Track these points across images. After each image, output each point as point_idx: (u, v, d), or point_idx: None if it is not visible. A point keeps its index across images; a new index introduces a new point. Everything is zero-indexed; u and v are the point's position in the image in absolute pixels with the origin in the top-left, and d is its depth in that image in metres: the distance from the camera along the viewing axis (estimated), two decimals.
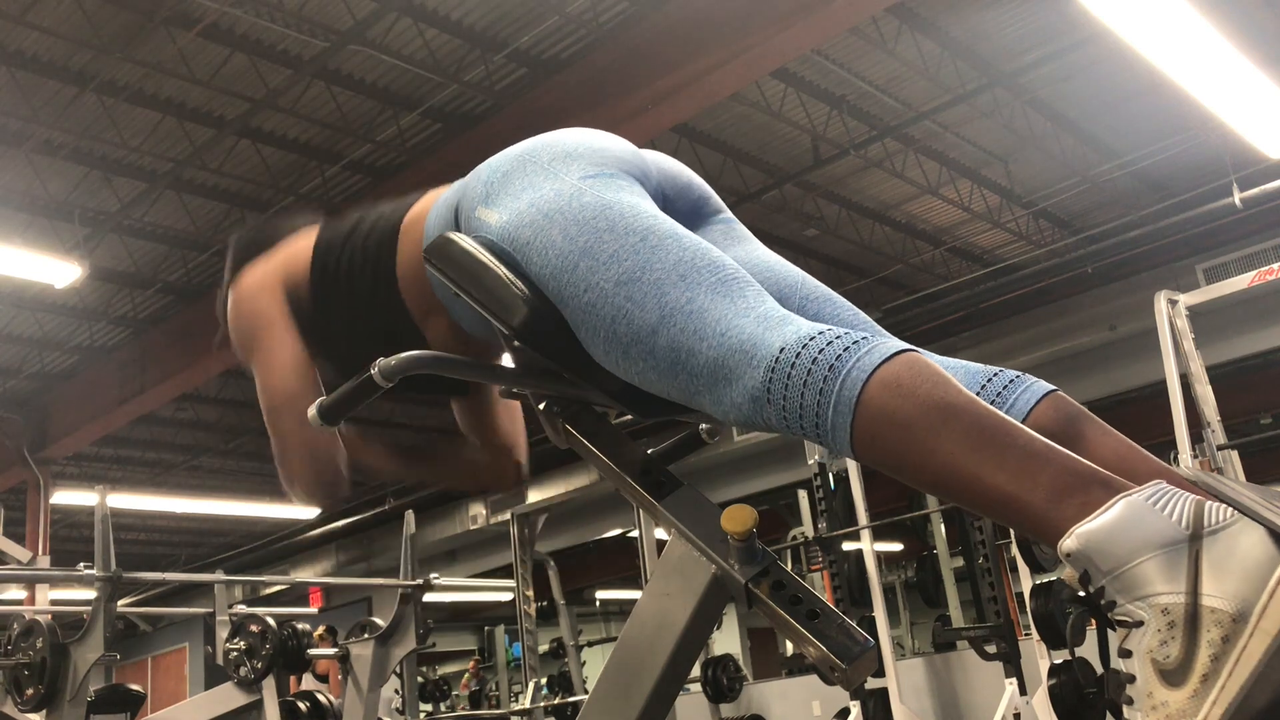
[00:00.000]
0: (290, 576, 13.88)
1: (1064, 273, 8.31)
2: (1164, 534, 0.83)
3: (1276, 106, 5.82)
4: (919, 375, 0.93)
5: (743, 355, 1.01)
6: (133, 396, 9.13)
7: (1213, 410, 4.79)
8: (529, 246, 1.19)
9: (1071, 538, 0.85)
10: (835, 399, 0.94)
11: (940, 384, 0.93)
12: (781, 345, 0.99)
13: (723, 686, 7.14)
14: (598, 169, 1.23)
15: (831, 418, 0.95)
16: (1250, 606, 0.79)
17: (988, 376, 1.22)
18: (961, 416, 0.91)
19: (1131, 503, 0.84)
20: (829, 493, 6.47)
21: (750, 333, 1.02)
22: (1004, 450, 0.89)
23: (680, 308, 1.07)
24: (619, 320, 1.11)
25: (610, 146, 1.30)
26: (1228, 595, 0.80)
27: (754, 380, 1.00)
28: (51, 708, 3.84)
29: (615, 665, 1.19)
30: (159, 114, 6.81)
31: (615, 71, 6.25)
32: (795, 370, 0.97)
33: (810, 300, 1.31)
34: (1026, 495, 0.87)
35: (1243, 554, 0.80)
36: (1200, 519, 0.82)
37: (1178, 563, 0.82)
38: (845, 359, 0.95)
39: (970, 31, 6.83)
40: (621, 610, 17.16)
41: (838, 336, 0.98)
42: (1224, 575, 0.80)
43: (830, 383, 0.95)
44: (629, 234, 1.14)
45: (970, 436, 0.90)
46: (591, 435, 1.27)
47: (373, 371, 1.15)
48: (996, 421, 0.91)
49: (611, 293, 1.11)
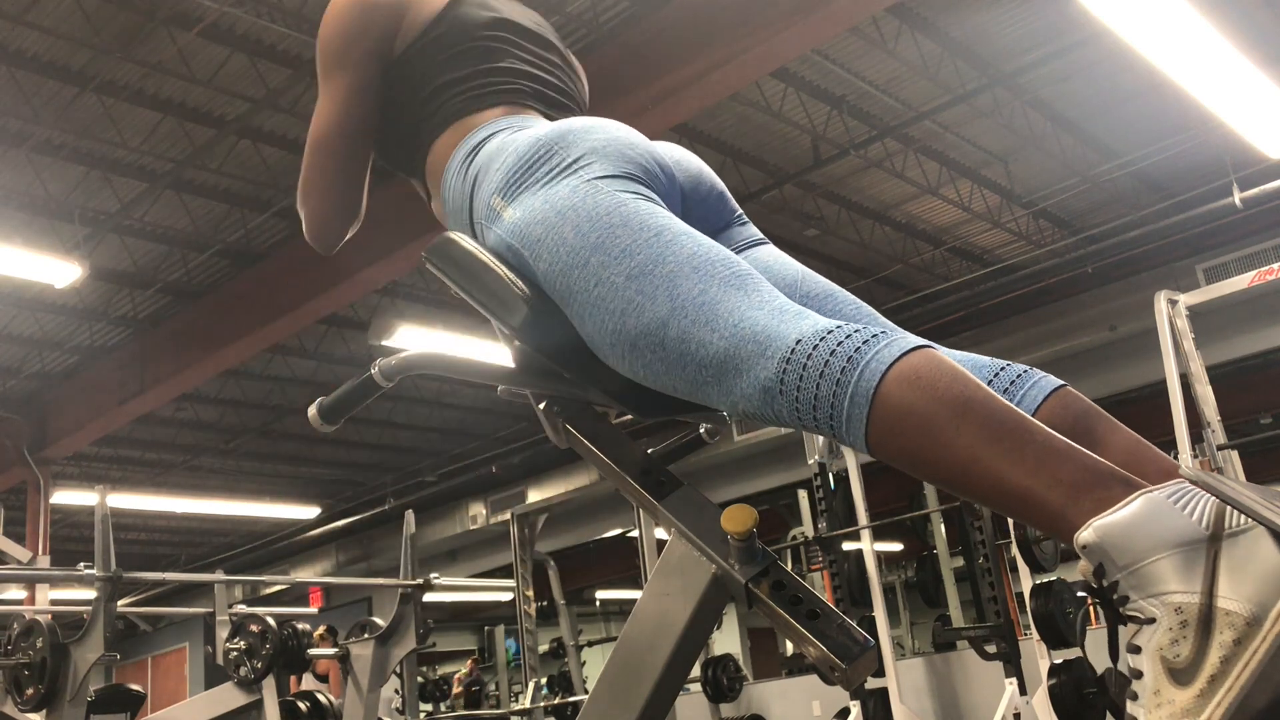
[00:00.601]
0: (290, 576, 13.90)
1: (1064, 273, 8.32)
2: (1183, 533, 0.82)
3: (1276, 106, 5.82)
4: (937, 370, 0.93)
5: (756, 346, 1.01)
6: (133, 396, 9.13)
7: (1213, 410, 4.79)
8: (540, 243, 1.19)
9: (1089, 529, 0.84)
10: (853, 390, 0.94)
11: (959, 379, 0.93)
12: (798, 337, 0.99)
13: (723, 686, 7.15)
14: (616, 169, 1.23)
15: (847, 409, 0.94)
16: (1266, 611, 0.79)
17: (995, 370, 1.22)
18: (979, 411, 0.91)
19: (1152, 499, 0.84)
20: (829, 493, 6.47)
21: (765, 324, 1.02)
22: (1022, 446, 0.89)
23: (693, 299, 1.07)
24: (629, 313, 1.10)
25: (634, 144, 1.29)
26: (1243, 598, 0.80)
27: (766, 371, 0.99)
28: (51, 708, 3.84)
29: (615, 665, 1.19)
30: (159, 114, 6.81)
31: (615, 71, 6.25)
32: (812, 361, 0.97)
33: (811, 298, 1.31)
34: (1045, 491, 0.87)
35: (1262, 558, 0.80)
36: (1221, 520, 0.82)
37: (1195, 562, 0.82)
38: (864, 351, 0.95)
39: (970, 31, 6.83)
40: (621, 610, 17.16)
41: (856, 330, 0.98)
42: (1241, 578, 0.80)
43: (848, 374, 0.95)
44: (642, 229, 1.14)
45: (988, 431, 0.90)
46: (592, 435, 1.27)
47: (373, 371, 1.15)
48: (1014, 417, 0.91)
49: (623, 286, 1.11)
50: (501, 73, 1.47)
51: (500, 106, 1.43)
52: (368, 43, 1.45)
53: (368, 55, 1.45)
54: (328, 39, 1.47)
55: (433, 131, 1.44)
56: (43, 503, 10.08)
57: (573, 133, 1.27)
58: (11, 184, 7.18)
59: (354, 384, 1.17)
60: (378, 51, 1.46)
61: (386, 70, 1.47)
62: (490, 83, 1.45)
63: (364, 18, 1.45)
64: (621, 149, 1.26)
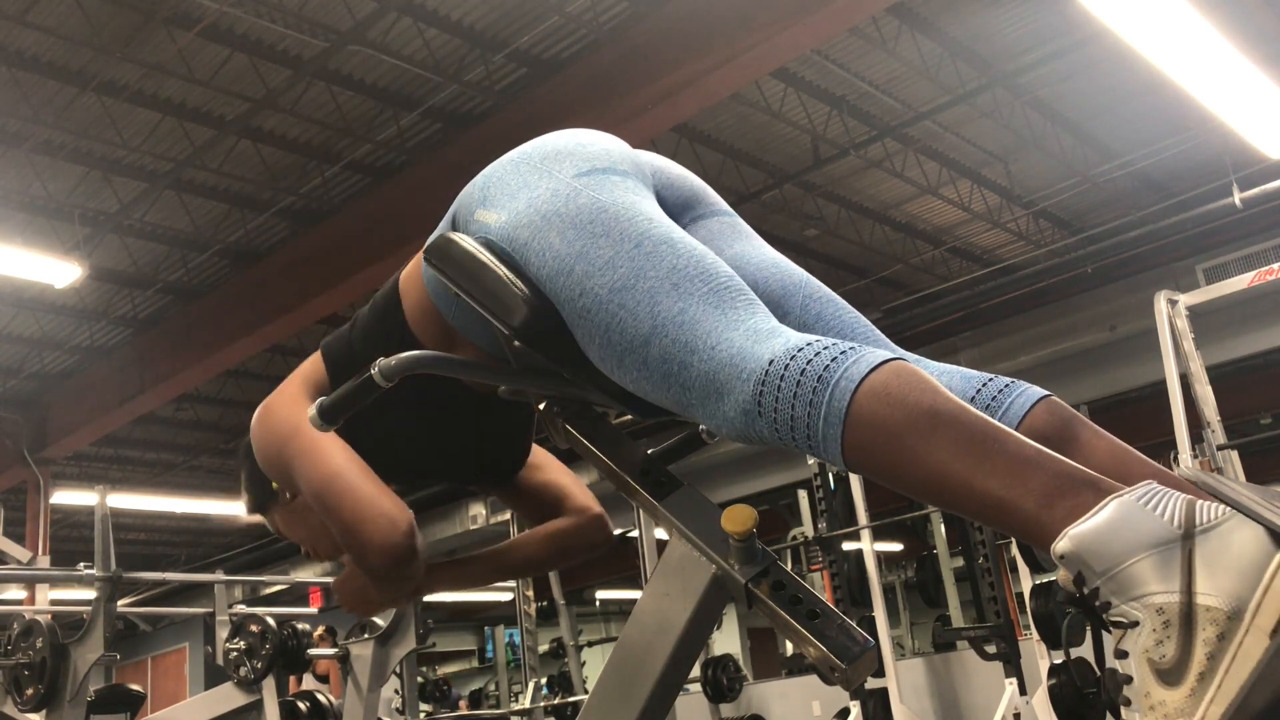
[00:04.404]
0: (290, 576, 13.87)
1: (1064, 273, 8.32)
2: (1156, 533, 0.83)
3: (1276, 106, 5.82)
4: (907, 383, 0.94)
5: (732, 369, 1.01)
6: (133, 396, 9.13)
7: (1212, 410, 4.79)
8: (527, 247, 1.19)
9: (1064, 540, 0.84)
10: (825, 410, 0.94)
11: (928, 391, 0.93)
12: (770, 358, 0.99)
13: (723, 686, 7.14)
14: (591, 165, 1.23)
15: (822, 429, 0.95)
16: (1245, 603, 0.79)
17: (981, 383, 1.22)
18: (950, 423, 0.91)
19: (1123, 503, 0.84)
20: (829, 493, 6.47)
21: (740, 346, 1.02)
22: (993, 456, 0.89)
23: (672, 319, 1.07)
24: (613, 328, 1.11)
25: (605, 144, 1.30)
26: (1222, 592, 0.80)
27: (744, 394, 1.00)
28: (51, 708, 3.84)
29: (615, 665, 1.19)
30: (159, 114, 6.81)
31: (615, 71, 6.25)
32: (784, 383, 0.97)
33: (813, 300, 1.31)
34: (1017, 500, 0.87)
35: (1236, 551, 0.80)
36: (1192, 517, 0.83)
37: (1171, 562, 0.82)
38: (833, 369, 0.95)
39: (970, 31, 6.83)
40: (621, 610, 17.15)
41: (825, 347, 0.98)
42: (1218, 573, 0.80)
43: (819, 394, 0.95)
44: (624, 239, 1.13)
45: (959, 443, 0.90)
46: (591, 435, 1.27)
47: (373, 371, 1.14)
48: (985, 427, 0.91)
49: (606, 299, 1.11)
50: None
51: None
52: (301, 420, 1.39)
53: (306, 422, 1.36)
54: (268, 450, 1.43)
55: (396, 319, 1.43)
56: (43, 503, 10.08)
57: (540, 145, 1.29)
58: (11, 184, 7.17)
59: (354, 384, 1.17)
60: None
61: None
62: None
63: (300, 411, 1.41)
64: (593, 149, 1.27)
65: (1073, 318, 8.68)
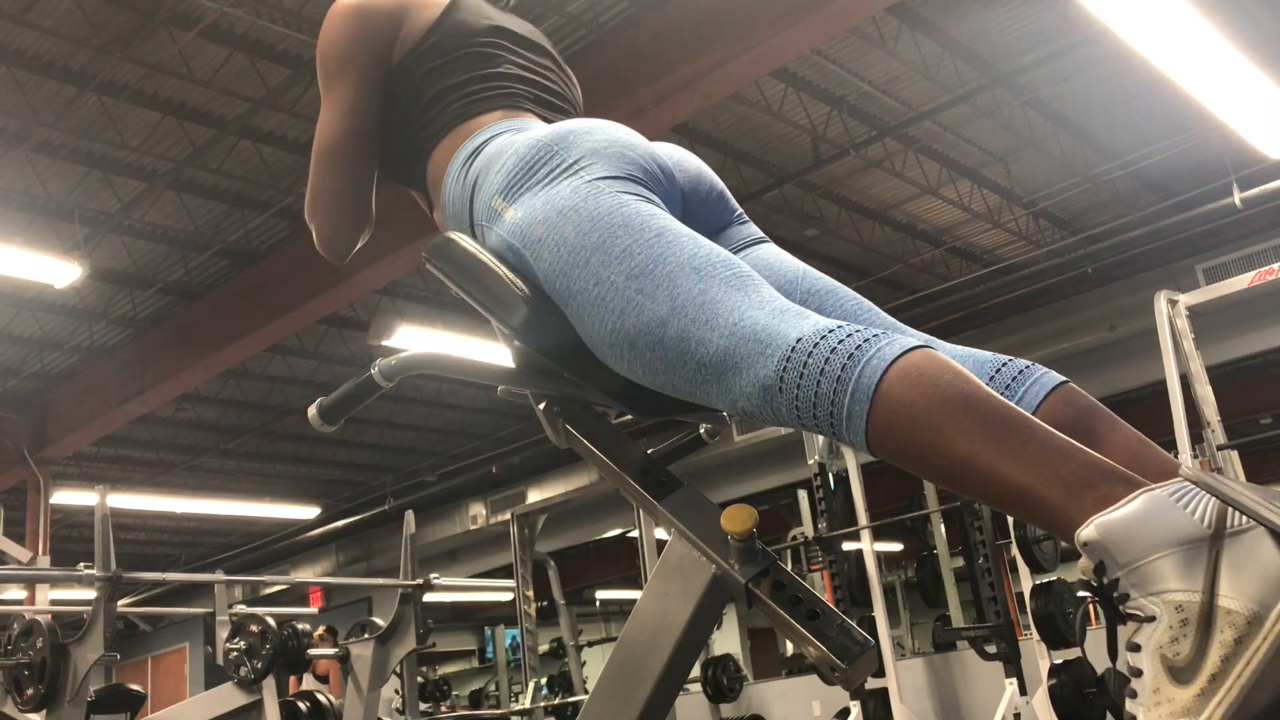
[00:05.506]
0: (290, 576, 13.90)
1: (1064, 273, 8.32)
2: (1185, 531, 0.82)
3: (1276, 106, 5.81)
4: (938, 368, 0.94)
5: (756, 344, 1.01)
6: (133, 396, 9.13)
7: (1213, 410, 4.79)
8: (540, 243, 1.19)
9: (1090, 527, 0.84)
10: (853, 388, 0.94)
11: (959, 377, 0.93)
12: (798, 336, 0.99)
13: (723, 686, 7.14)
14: (617, 169, 1.23)
15: (848, 406, 0.94)
16: (1267, 611, 0.79)
17: (997, 366, 1.22)
18: (980, 409, 0.91)
19: (1154, 497, 0.84)
20: (829, 493, 6.47)
21: (764, 323, 1.02)
22: (1022, 443, 0.89)
23: (692, 299, 1.07)
24: (628, 312, 1.10)
25: (634, 145, 1.29)
26: (1245, 597, 0.80)
27: (766, 369, 1.00)
28: (51, 708, 3.84)
29: (615, 665, 1.19)
30: (159, 114, 6.81)
31: (615, 71, 6.24)
32: (812, 360, 0.97)
33: (812, 295, 1.31)
34: (1045, 488, 0.87)
35: (1264, 558, 0.80)
36: (1223, 519, 0.82)
37: (1196, 561, 0.82)
38: (865, 350, 0.96)
39: (970, 31, 6.83)
40: (621, 610, 17.15)
41: (856, 330, 0.98)
42: (1242, 578, 0.80)
43: (849, 372, 0.95)
44: (643, 230, 1.14)
45: (988, 429, 0.90)
46: (591, 435, 1.27)
47: (373, 371, 1.15)
48: (1014, 415, 0.91)
49: (623, 285, 1.11)
50: (499, 77, 1.48)
51: (498, 110, 1.44)
52: (367, 53, 1.47)
53: (367, 64, 1.47)
54: (327, 51, 1.49)
55: (431, 139, 1.45)
56: (42, 503, 10.08)
57: (573, 134, 1.27)
58: (11, 184, 7.17)
59: (354, 384, 1.18)
60: (377, 60, 1.47)
61: (385, 80, 1.48)
62: (487, 87, 1.46)
63: (362, 28, 1.47)
64: (622, 150, 1.26)
65: (1073, 318, 8.69)
